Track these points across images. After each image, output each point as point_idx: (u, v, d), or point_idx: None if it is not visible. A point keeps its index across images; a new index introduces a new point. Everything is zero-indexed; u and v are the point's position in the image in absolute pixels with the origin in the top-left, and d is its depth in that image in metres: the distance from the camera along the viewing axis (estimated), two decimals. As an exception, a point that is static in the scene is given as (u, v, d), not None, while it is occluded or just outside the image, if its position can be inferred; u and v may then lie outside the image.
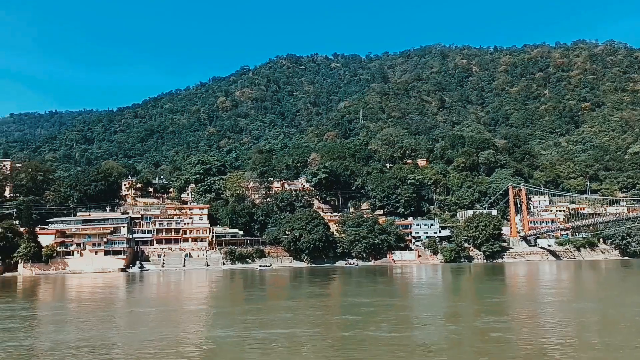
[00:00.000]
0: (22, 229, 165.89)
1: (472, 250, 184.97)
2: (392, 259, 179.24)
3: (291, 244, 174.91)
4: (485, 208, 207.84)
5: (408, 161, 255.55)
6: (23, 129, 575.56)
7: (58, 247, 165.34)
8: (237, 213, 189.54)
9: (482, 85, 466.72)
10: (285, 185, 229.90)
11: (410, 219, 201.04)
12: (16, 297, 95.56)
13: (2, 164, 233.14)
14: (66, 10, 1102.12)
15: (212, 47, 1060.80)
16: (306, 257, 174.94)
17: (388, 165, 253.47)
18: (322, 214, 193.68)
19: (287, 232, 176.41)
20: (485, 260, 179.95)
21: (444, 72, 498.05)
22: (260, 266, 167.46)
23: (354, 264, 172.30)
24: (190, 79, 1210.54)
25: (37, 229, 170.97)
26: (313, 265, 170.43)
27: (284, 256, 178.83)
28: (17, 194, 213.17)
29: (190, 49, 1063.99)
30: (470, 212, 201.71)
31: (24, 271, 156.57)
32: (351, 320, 53.25)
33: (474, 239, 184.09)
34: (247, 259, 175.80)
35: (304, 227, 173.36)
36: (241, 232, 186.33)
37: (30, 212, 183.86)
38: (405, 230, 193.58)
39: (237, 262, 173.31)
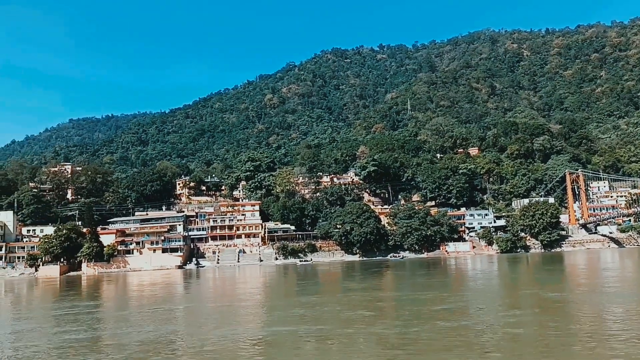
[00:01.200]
0: (84, 230, 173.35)
1: (528, 239, 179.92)
2: (446, 251, 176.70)
3: (342, 238, 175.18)
4: (541, 196, 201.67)
5: (459, 151, 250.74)
6: (82, 134, 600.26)
7: (119, 246, 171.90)
8: (288, 208, 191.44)
9: (534, 70, 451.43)
10: (335, 179, 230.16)
11: (463, 209, 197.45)
12: (81, 295, 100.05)
13: (64, 168, 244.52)
14: (115, 13, 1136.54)
15: (258, 45, 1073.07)
16: (358, 251, 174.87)
17: (438, 155, 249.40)
18: (372, 207, 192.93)
19: (337, 226, 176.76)
20: (543, 250, 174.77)
21: (494, 58, 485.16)
22: (300, 262, 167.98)
23: (399, 256, 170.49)
24: (237, 78, 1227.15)
25: (98, 229, 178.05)
26: (365, 258, 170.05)
27: (336, 250, 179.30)
28: (79, 196, 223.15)
29: (237, 48, 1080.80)
30: (526, 200, 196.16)
31: (88, 270, 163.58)
32: (405, 314, 52.84)
33: (530, 228, 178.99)
34: (299, 254, 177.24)
35: (354, 220, 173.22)
36: (293, 227, 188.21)
37: (92, 213, 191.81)
38: (459, 221, 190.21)
39: (289, 257, 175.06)
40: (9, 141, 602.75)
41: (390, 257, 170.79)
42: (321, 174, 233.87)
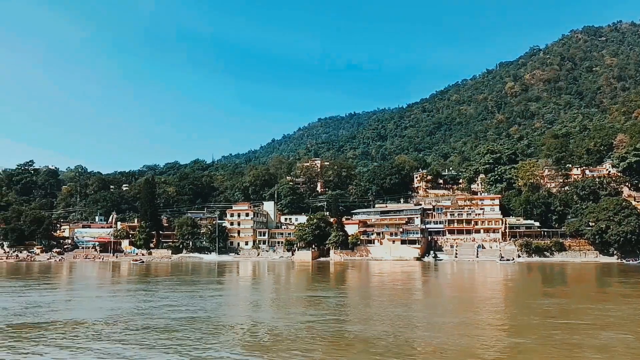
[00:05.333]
0: (331, 219, 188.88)
1: None
2: None
3: (596, 237, 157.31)
4: None
5: None
6: (328, 131, 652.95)
7: (361, 236, 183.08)
8: (532, 203, 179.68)
9: None
10: (586, 171, 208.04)
11: None
12: (330, 278, 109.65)
13: (314, 163, 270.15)
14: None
15: (498, 32, 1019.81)
16: (615, 252, 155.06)
17: None
18: (634, 202, 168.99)
19: (590, 224, 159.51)
20: None
21: None
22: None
23: (637, 261, 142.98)
24: (476, 68, 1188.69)
25: (343, 219, 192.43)
26: (624, 260, 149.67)
27: (588, 250, 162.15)
28: (327, 189, 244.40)
29: (476, 37, 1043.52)
30: None
31: (335, 256, 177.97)
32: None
33: None
34: (545, 252, 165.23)
35: (611, 217, 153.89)
36: (537, 224, 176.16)
37: (337, 205, 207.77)
38: None
39: (533, 255, 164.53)
40: (269, 140, 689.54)
41: (627, 260, 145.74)
42: (570, 165, 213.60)
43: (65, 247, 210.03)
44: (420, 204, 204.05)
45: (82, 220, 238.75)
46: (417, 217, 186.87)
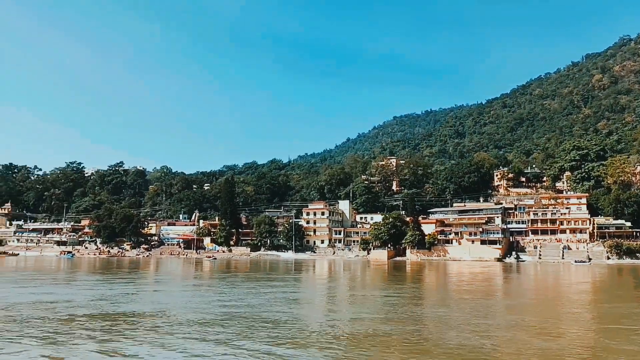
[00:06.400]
0: (407, 219, 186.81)
1: None
2: None
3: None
4: None
5: None
6: (404, 129, 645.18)
7: (438, 235, 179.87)
8: (622, 202, 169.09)
9: None
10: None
11: None
12: (406, 279, 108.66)
13: (389, 162, 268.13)
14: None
15: (584, 22, 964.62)
16: None
17: None
18: None
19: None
20: None
21: None
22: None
23: None
24: (560, 60, 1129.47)
25: (419, 218, 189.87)
26: None
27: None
28: (402, 187, 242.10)
29: (560, 28, 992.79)
30: None
31: (411, 256, 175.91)
32: None
33: None
34: (637, 254, 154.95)
35: None
36: (628, 224, 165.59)
37: (414, 204, 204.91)
38: None
39: (624, 256, 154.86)
40: (344, 139, 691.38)
41: None
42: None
43: (152, 243, 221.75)
44: (501, 203, 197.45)
45: (167, 219, 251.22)
46: (497, 217, 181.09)
